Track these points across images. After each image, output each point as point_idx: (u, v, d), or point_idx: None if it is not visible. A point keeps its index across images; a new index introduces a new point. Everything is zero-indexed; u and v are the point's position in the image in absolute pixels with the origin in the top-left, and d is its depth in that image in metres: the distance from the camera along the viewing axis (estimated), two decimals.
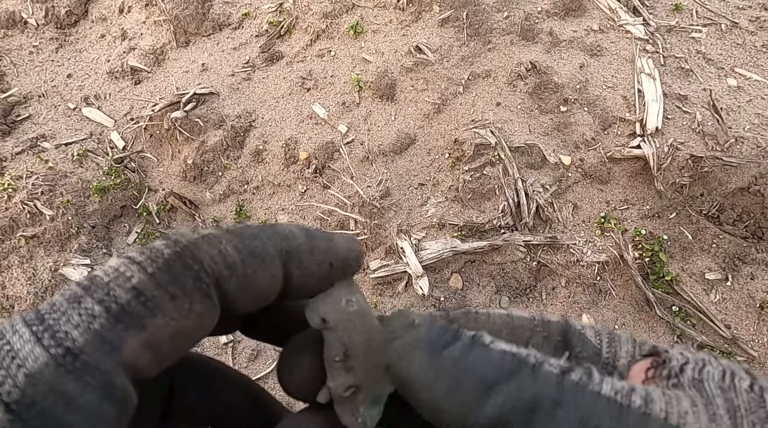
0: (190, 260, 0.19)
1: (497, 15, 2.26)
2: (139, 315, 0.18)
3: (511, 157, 1.96)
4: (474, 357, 0.19)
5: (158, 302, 0.18)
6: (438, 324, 0.20)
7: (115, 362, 0.17)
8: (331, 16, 2.48)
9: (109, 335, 0.17)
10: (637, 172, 1.94)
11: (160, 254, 0.19)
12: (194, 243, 0.20)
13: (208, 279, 0.19)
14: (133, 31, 2.66)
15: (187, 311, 0.19)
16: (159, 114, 2.27)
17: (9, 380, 0.16)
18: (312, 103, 2.30)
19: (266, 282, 0.21)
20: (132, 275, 0.18)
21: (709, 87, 2.05)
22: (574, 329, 0.23)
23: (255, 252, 0.21)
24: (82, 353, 0.17)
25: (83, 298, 0.18)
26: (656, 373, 0.20)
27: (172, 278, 0.19)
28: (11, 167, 2.13)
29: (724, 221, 1.78)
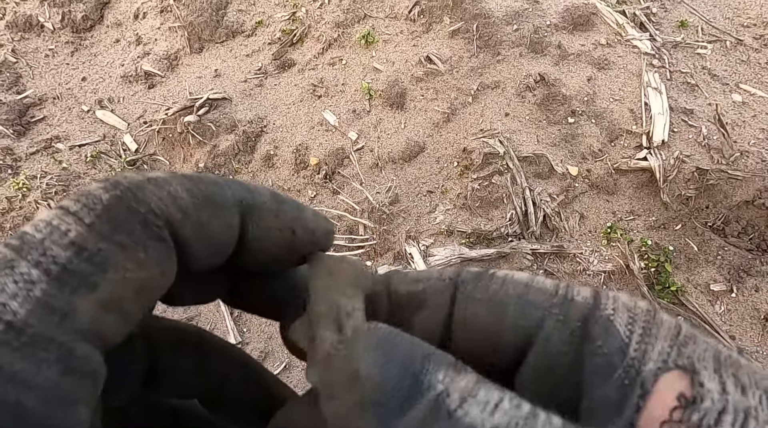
0: (134, 202, 0.17)
1: (507, 28, 2.30)
2: (86, 274, 0.15)
3: (519, 166, 1.99)
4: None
5: (106, 255, 0.16)
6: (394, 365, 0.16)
7: (70, 330, 0.15)
8: (343, 26, 2.53)
9: (56, 301, 0.15)
10: (643, 183, 1.97)
11: (97, 199, 0.16)
12: (137, 185, 0.17)
13: (158, 221, 0.17)
14: (148, 36, 2.71)
15: (142, 260, 0.16)
16: (172, 118, 2.30)
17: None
18: (323, 110, 2.34)
19: (222, 231, 0.19)
20: (68, 228, 0.15)
21: (715, 102, 2.09)
22: (601, 314, 0.18)
23: (211, 197, 0.18)
24: (27, 326, 0.14)
25: (15, 261, 0.15)
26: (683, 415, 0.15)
27: (117, 225, 0.16)
28: (26, 166, 2.16)
29: (729, 234, 1.81)
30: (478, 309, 0.20)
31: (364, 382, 0.16)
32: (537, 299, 0.19)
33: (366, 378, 0.16)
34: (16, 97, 2.45)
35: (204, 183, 0.19)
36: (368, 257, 1.97)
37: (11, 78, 2.53)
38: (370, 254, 1.98)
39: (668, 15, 2.47)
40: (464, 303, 0.20)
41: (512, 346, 0.19)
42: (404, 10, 2.46)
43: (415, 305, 0.21)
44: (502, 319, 0.19)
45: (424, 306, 0.21)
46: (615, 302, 0.18)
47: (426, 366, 0.15)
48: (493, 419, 0.14)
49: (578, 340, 0.18)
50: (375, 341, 0.16)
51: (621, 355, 0.17)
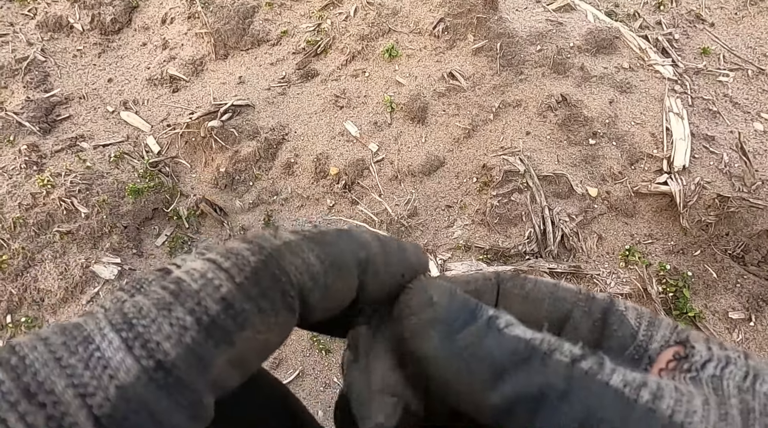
0: (276, 270, 0.18)
1: (530, 48, 2.33)
2: (229, 330, 0.17)
3: (539, 185, 2.00)
4: (487, 343, 0.19)
5: (247, 316, 0.17)
6: (457, 301, 0.20)
7: (205, 381, 0.16)
8: (368, 39, 2.56)
9: (201, 350, 0.16)
10: (662, 208, 1.97)
11: (246, 261, 0.18)
12: (278, 251, 0.19)
13: (293, 291, 0.19)
14: (175, 41, 2.75)
15: (272, 325, 0.18)
16: (196, 122, 2.33)
17: (100, 392, 0.15)
18: (344, 120, 2.36)
19: (344, 293, 0.21)
20: (221, 284, 0.17)
21: (736, 129, 2.10)
22: (617, 309, 0.22)
23: (335, 262, 0.20)
24: (174, 368, 0.16)
25: (173, 306, 0.17)
26: (678, 365, 0.20)
27: (261, 290, 0.18)
28: (50, 164, 2.19)
29: (749, 262, 1.80)
30: (516, 303, 0.24)
31: (436, 305, 0.20)
32: (566, 295, 0.23)
33: (437, 303, 0.20)
34: (43, 95, 2.49)
35: (328, 245, 0.21)
36: None
37: (40, 76, 2.57)
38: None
39: (690, 42, 2.49)
40: (505, 299, 0.24)
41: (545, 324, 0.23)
42: (429, 26, 2.49)
43: None
44: (537, 311, 0.23)
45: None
46: (626, 304, 0.23)
47: (479, 305, 0.20)
48: (533, 335, 0.19)
49: (599, 328, 0.22)
50: (441, 285, 0.21)
51: (632, 338, 0.22)
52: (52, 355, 0.15)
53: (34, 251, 1.95)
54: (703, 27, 2.54)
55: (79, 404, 0.14)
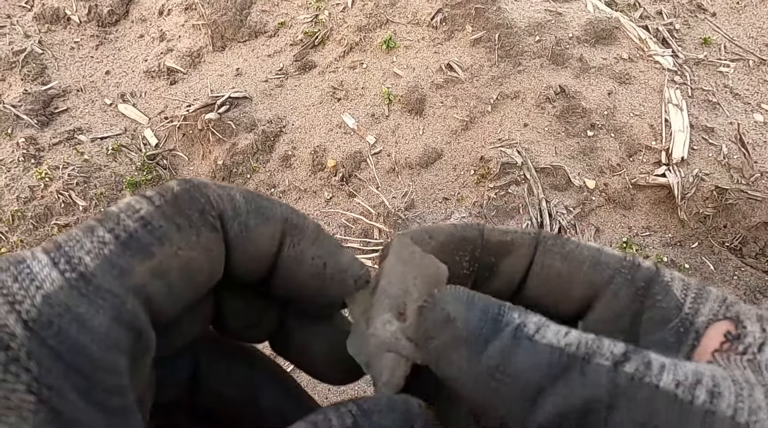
0: (197, 194, 0.20)
1: (529, 38, 2.31)
2: (146, 243, 0.18)
3: (536, 177, 2.00)
4: (519, 358, 0.17)
5: (165, 231, 0.19)
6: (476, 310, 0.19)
7: (125, 286, 0.17)
8: (365, 30, 2.54)
9: (119, 260, 0.18)
10: (660, 200, 1.97)
11: (169, 189, 0.20)
12: (204, 184, 0.20)
13: (213, 213, 0.20)
14: (172, 33, 2.74)
15: (194, 243, 0.19)
16: (193, 114, 2.33)
17: (27, 299, 0.16)
18: (342, 112, 2.35)
19: (265, 241, 0.21)
20: (141, 207, 0.19)
21: (736, 121, 2.08)
22: (662, 278, 0.21)
23: (261, 207, 0.21)
24: (94, 276, 0.17)
25: (96, 227, 0.18)
26: (732, 347, 0.18)
27: (179, 210, 0.19)
28: (48, 157, 2.19)
29: (747, 254, 1.80)
30: (556, 262, 0.23)
31: (455, 322, 0.19)
32: (609, 260, 0.22)
33: (456, 319, 0.19)
34: (41, 88, 2.49)
35: (260, 197, 0.22)
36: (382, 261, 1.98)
37: (37, 69, 2.57)
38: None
39: (691, 32, 2.47)
40: (543, 255, 0.23)
41: (581, 297, 0.23)
42: (427, 17, 2.47)
43: (503, 252, 0.24)
44: (576, 273, 0.23)
45: (510, 253, 0.24)
46: (672, 274, 0.22)
47: (502, 309, 0.19)
48: (567, 338, 0.17)
49: (641, 298, 0.21)
50: (457, 294, 0.20)
51: (677, 311, 0.21)
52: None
53: (32, 244, 1.96)
54: (705, 17, 2.51)
55: (8, 309, 0.16)
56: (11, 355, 0.15)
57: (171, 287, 0.19)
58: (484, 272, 0.24)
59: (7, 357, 0.15)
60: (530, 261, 0.24)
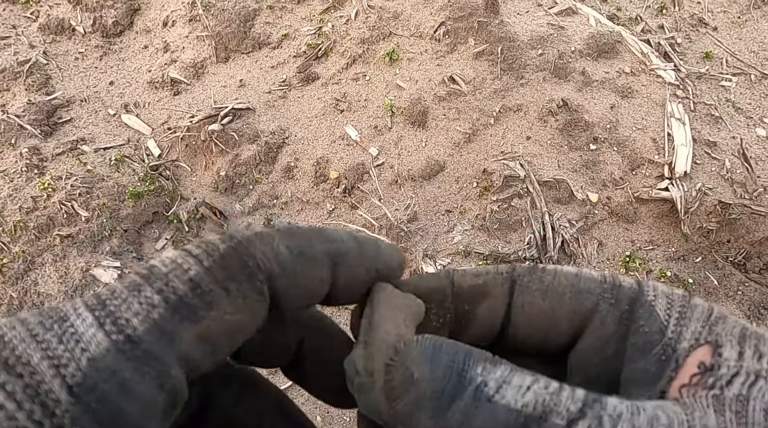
0: (244, 255, 0.20)
1: (531, 52, 2.32)
2: (195, 308, 0.18)
3: (539, 190, 2.00)
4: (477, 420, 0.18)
5: (214, 295, 0.18)
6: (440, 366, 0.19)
7: (172, 353, 0.17)
8: (368, 42, 2.56)
9: (167, 325, 0.17)
10: (663, 214, 1.96)
11: (216, 248, 0.19)
12: (248, 239, 0.20)
13: (261, 276, 0.20)
14: (176, 44, 2.76)
15: (240, 306, 0.19)
16: (196, 125, 2.34)
17: (73, 363, 0.16)
18: (345, 124, 2.36)
19: (315, 282, 0.22)
20: (189, 267, 0.19)
21: (738, 135, 2.09)
22: (645, 298, 0.21)
23: (305, 252, 0.21)
24: (142, 341, 0.17)
25: (143, 287, 0.18)
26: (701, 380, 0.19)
27: (228, 272, 0.19)
28: (51, 167, 2.19)
29: (751, 269, 1.79)
30: (536, 299, 0.22)
31: (419, 383, 0.19)
32: (589, 286, 0.22)
33: (420, 379, 0.19)
34: (45, 98, 2.50)
35: (300, 236, 0.22)
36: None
37: (41, 79, 2.58)
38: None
39: (693, 46, 2.48)
40: (522, 294, 0.23)
41: (568, 329, 0.22)
42: (429, 29, 2.48)
43: (477, 297, 0.24)
44: (559, 306, 0.22)
45: (485, 298, 0.23)
46: (655, 290, 0.21)
47: (467, 362, 0.19)
48: (525, 398, 0.17)
49: (626, 321, 0.21)
50: (423, 349, 0.19)
51: (660, 335, 0.20)
52: (29, 332, 0.16)
53: (34, 254, 1.96)
54: (706, 31, 2.52)
55: (54, 373, 0.16)
56: (56, 422, 0.15)
57: (214, 350, 0.19)
58: (460, 320, 0.24)
59: (52, 425, 0.15)
60: (508, 302, 0.23)
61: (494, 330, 0.24)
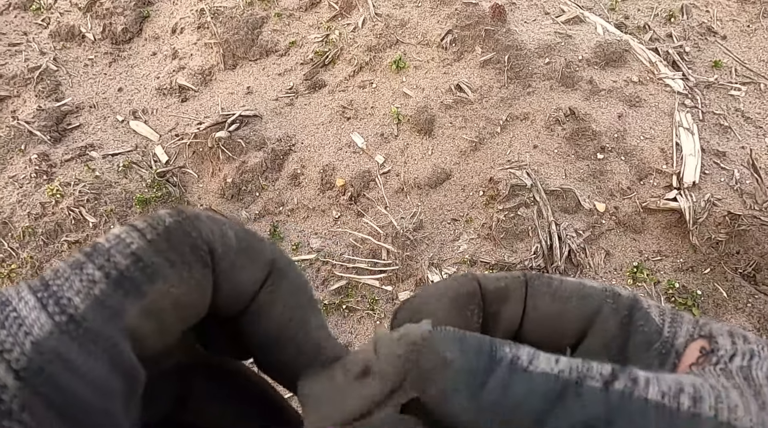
0: (189, 228, 0.19)
1: (538, 60, 2.32)
2: (138, 282, 0.18)
3: (546, 200, 1.99)
4: (517, 390, 0.18)
5: (157, 268, 0.18)
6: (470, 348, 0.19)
7: (117, 329, 0.17)
8: (375, 50, 2.56)
9: (110, 301, 0.17)
10: (671, 224, 1.95)
11: (161, 221, 0.19)
12: (196, 215, 0.20)
13: (205, 248, 0.19)
14: (184, 51, 2.78)
15: (186, 279, 0.19)
16: (204, 132, 2.35)
17: (17, 347, 0.15)
18: (351, 132, 2.36)
19: (249, 281, 0.21)
20: (132, 241, 0.18)
21: (748, 145, 2.07)
22: (641, 306, 0.23)
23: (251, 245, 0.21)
24: (85, 320, 0.16)
25: (85, 264, 0.17)
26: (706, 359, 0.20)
27: (171, 245, 0.19)
28: (60, 173, 2.21)
29: (760, 281, 1.77)
30: (546, 301, 0.24)
31: (452, 364, 0.19)
32: (592, 292, 0.24)
33: (452, 361, 0.19)
34: (54, 104, 2.52)
35: (252, 236, 0.21)
36: (390, 282, 1.97)
37: (51, 85, 2.60)
38: (392, 279, 1.98)
39: (701, 55, 2.46)
40: (534, 297, 0.24)
41: (574, 330, 0.24)
42: (436, 37, 2.49)
43: (501, 299, 0.25)
44: (566, 308, 0.24)
45: (508, 299, 0.25)
46: (648, 302, 0.24)
47: (493, 346, 0.19)
48: (559, 365, 0.18)
49: (626, 324, 0.23)
50: (451, 335, 0.20)
51: (657, 334, 0.22)
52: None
53: (42, 260, 1.97)
54: (715, 40, 2.51)
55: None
56: (4, 408, 0.15)
57: (162, 324, 0.19)
58: (486, 323, 0.25)
59: (0, 412, 0.15)
60: (524, 305, 0.24)
61: (513, 330, 0.25)
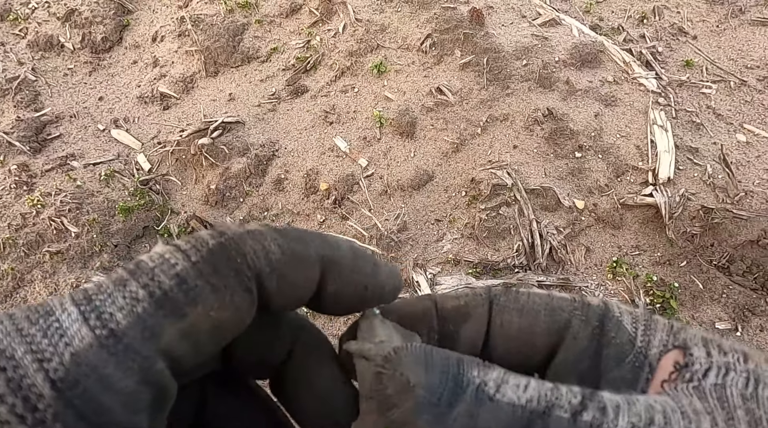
0: (233, 252, 0.19)
1: (516, 62, 2.36)
2: (180, 303, 0.18)
3: (526, 198, 2.02)
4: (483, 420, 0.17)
5: (200, 291, 0.18)
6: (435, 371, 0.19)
7: (155, 348, 0.17)
8: (356, 55, 2.59)
9: (151, 320, 0.17)
10: (648, 219, 2.00)
11: (205, 243, 0.19)
12: (239, 236, 0.20)
13: (249, 273, 0.19)
14: (165, 59, 2.77)
15: (226, 304, 0.19)
16: (186, 139, 2.35)
17: (56, 357, 0.16)
18: (334, 136, 2.38)
19: (303, 285, 0.21)
20: (176, 262, 0.18)
21: (719, 141, 2.13)
22: (612, 314, 0.23)
23: (297, 253, 0.21)
24: (125, 336, 0.17)
25: (128, 281, 0.18)
26: (679, 375, 0.20)
27: (215, 269, 0.19)
28: (41, 183, 2.19)
29: (734, 272, 1.82)
30: (513, 317, 0.23)
31: (415, 388, 0.18)
32: (561, 304, 0.23)
33: (416, 385, 0.18)
34: (34, 114, 2.50)
35: (294, 238, 0.21)
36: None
37: (30, 96, 2.58)
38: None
39: (674, 54, 2.53)
40: (500, 313, 0.24)
41: (545, 345, 0.23)
42: (416, 41, 2.52)
43: (460, 318, 0.24)
44: (535, 323, 0.23)
45: (468, 318, 0.24)
46: (619, 308, 0.23)
47: (461, 367, 0.19)
48: (527, 394, 0.18)
49: (597, 336, 0.22)
50: (415, 355, 0.19)
51: (630, 345, 0.22)
52: (15, 326, 0.16)
53: (23, 271, 1.95)
54: (686, 40, 2.58)
55: (37, 368, 0.16)
56: (38, 417, 0.15)
57: (197, 345, 0.19)
58: (445, 342, 0.25)
59: (35, 419, 0.15)
60: (488, 322, 0.24)
61: (477, 349, 0.24)
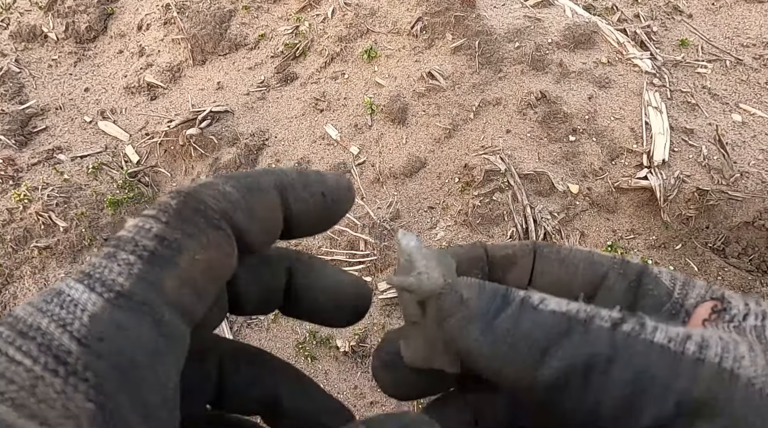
0: (195, 203, 0.21)
1: (508, 45, 2.32)
2: (167, 256, 0.20)
3: (520, 184, 2.00)
4: (525, 323, 0.19)
5: (180, 242, 0.20)
6: (487, 291, 0.21)
7: (162, 300, 0.19)
8: (346, 40, 2.54)
9: (149, 276, 0.19)
10: (643, 202, 1.98)
11: (168, 205, 0.21)
12: (195, 190, 0.22)
13: (216, 215, 0.21)
14: (151, 48, 2.72)
15: (206, 244, 0.21)
16: (174, 130, 2.31)
17: (77, 320, 0.17)
18: (325, 124, 2.34)
19: (268, 211, 0.23)
20: (151, 226, 0.20)
21: (715, 122, 2.10)
22: (651, 271, 0.24)
23: (251, 187, 0.23)
24: (133, 294, 0.18)
25: (116, 252, 0.19)
26: (719, 317, 0.21)
27: (185, 220, 0.20)
28: (27, 177, 2.16)
29: (730, 254, 1.81)
30: (555, 268, 0.25)
31: (467, 302, 0.21)
32: (601, 260, 0.25)
33: (468, 299, 0.21)
34: (18, 107, 2.46)
35: (245, 177, 0.23)
36: (368, 273, 1.97)
37: (14, 88, 2.53)
38: (371, 270, 1.98)
39: (668, 34, 2.49)
40: (542, 263, 0.26)
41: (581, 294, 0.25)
42: (407, 26, 2.47)
43: (508, 264, 0.26)
44: (574, 274, 0.25)
45: (514, 266, 0.26)
46: (659, 269, 0.25)
47: (509, 290, 0.21)
48: (569, 306, 0.19)
49: (634, 290, 0.24)
50: (470, 281, 0.22)
51: (667, 297, 0.23)
52: (35, 307, 0.18)
53: (12, 267, 1.93)
54: (681, 18, 2.54)
55: (62, 331, 0.17)
56: (70, 369, 0.16)
57: (197, 289, 0.20)
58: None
59: (67, 371, 0.16)
60: (532, 270, 0.26)
61: None
